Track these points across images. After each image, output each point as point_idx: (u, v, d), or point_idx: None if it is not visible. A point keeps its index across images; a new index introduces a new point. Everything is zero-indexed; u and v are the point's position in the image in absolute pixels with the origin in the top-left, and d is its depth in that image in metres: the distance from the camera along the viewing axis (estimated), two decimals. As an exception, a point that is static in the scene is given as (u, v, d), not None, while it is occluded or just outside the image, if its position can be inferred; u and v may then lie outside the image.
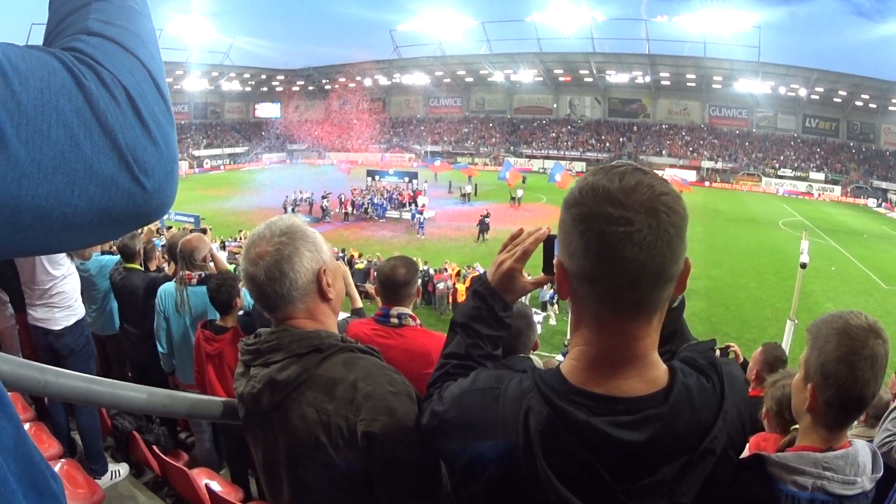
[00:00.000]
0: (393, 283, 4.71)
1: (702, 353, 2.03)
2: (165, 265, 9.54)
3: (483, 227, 49.71)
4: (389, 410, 2.36)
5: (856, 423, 6.82)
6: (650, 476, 1.75)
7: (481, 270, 29.57)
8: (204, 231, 8.41)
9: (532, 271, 2.40)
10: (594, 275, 1.71)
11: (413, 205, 58.69)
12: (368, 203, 60.70)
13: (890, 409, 5.98)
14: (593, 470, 1.73)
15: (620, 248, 1.62)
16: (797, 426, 3.18)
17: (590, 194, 1.69)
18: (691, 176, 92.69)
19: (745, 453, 2.39)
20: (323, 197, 60.53)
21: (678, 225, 1.67)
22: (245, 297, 6.69)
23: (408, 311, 4.74)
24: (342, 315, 3.05)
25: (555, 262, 1.90)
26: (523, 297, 2.64)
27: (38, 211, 0.77)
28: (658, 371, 1.84)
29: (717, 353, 6.41)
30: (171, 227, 25.63)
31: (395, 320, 4.63)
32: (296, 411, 2.48)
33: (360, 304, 5.99)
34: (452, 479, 2.15)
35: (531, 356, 5.06)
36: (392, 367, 2.61)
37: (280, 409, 2.52)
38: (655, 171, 1.80)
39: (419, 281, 5.07)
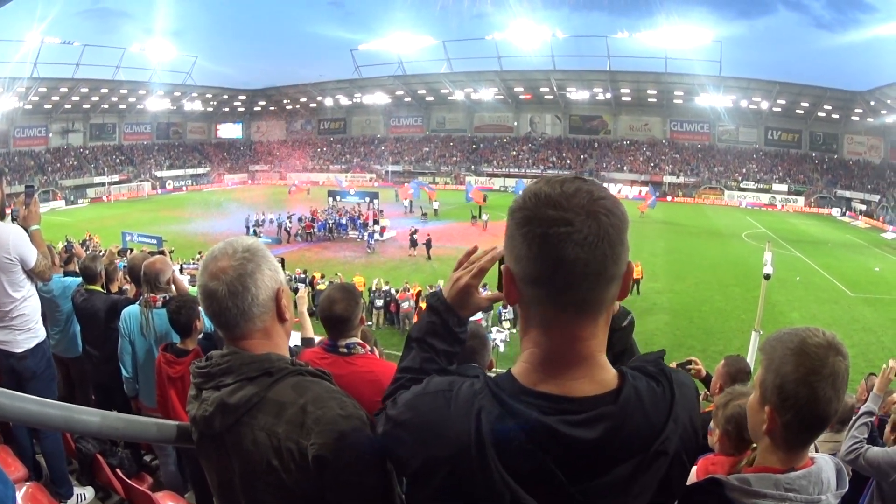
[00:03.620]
0: (331, 319, 4.68)
1: (651, 362, 2.08)
2: (127, 287, 9.45)
3: (412, 242, 51.61)
4: (340, 434, 2.36)
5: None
6: (603, 476, 1.79)
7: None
8: (163, 253, 8.35)
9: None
10: (538, 276, 1.78)
11: (375, 224, 59.18)
12: (334, 223, 60.82)
13: (857, 415, 6.01)
14: (547, 469, 1.77)
15: (562, 248, 1.70)
16: (756, 445, 3.13)
17: (532, 199, 1.80)
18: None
19: (693, 478, 2.40)
20: (288, 217, 60.79)
21: (618, 226, 1.76)
22: (205, 320, 6.63)
23: (356, 339, 4.71)
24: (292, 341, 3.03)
25: (502, 267, 1.97)
26: (483, 317, 2.65)
27: None
28: (607, 374, 1.91)
29: (674, 365, 6.43)
30: (132, 249, 25.58)
31: (343, 350, 4.62)
32: (248, 435, 2.46)
33: (311, 333, 6.00)
34: (407, 486, 2.13)
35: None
36: (343, 391, 2.60)
37: (232, 433, 2.50)
38: (618, 184, 1.85)
39: (362, 309, 4.99)
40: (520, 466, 1.77)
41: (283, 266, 5.58)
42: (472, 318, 2.61)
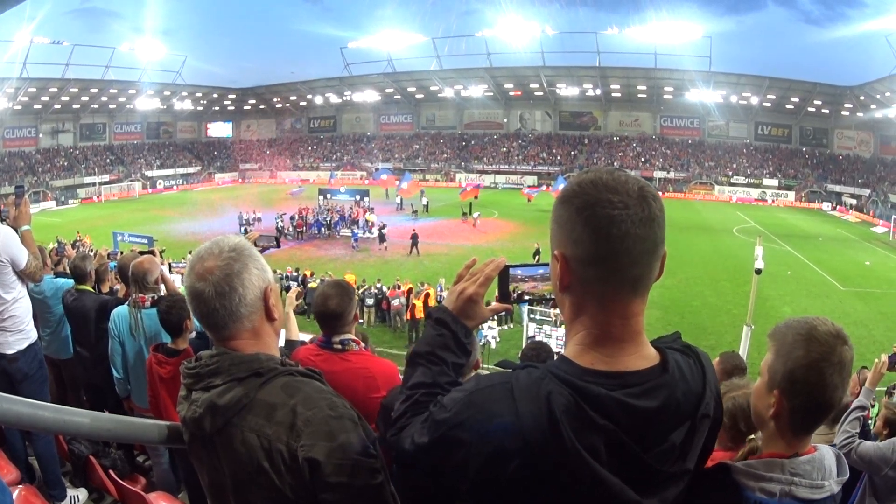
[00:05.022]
0: (325, 314, 4.72)
1: (673, 340, 2.24)
2: (118, 286, 9.42)
3: (381, 237, 52.29)
4: (330, 435, 2.35)
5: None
6: (664, 443, 1.96)
7: (445, 294, 30.10)
8: (153, 253, 8.32)
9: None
10: (601, 255, 1.92)
11: (366, 223, 59.09)
12: (329, 221, 60.66)
13: (849, 410, 6.03)
14: (621, 441, 1.87)
15: (624, 227, 1.87)
16: (752, 437, 3.18)
17: (590, 186, 1.94)
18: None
19: None
20: (279, 216, 60.46)
21: (663, 210, 1.96)
22: (195, 320, 6.55)
23: (350, 336, 4.76)
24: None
25: (556, 253, 2.05)
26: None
27: None
28: (650, 349, 2.08)
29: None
30: (122, 252, 25.37)
31: (338, 346, 4.65)
32: (238, 437, 2.45)
33: (296, 335, 5.97)
34: (463, 487, 2.06)
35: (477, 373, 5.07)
36: (333, 391, 2.59)
37: (222, 434, 2.48)
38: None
39: (356, 305, 5.04)
40: (595, 443, 1.84)
41: (277, 243, 5.55)
42: None
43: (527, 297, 2.55)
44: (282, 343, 5.50)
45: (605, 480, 1.83)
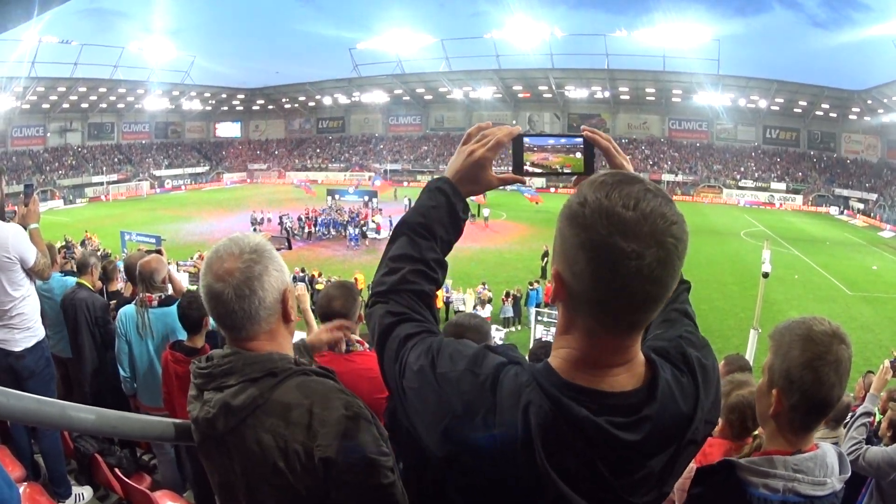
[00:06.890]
0: (329, 316, 4.71)
1: (673, 345, 2.10)
2: (121, 285, 9.44)
3: (363, 234, 53.68)
4: (345, 435, 2.34)
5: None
6: (642, 470, 1.84)
7: (452, 294, 29.76)
8: (159, 252, 8.33)
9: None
10: (598, 298, 1.73)
11: (373, 223, 58.99)
12: (343, 222, 60.70)
13: (855, 416, 6.05)
14: (592, 465, 1.78)
15: (629, 280, 1.65)
16: (758, 434, 3.20)
17: (603, 219, 1.66)
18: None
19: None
20: (282, 216, 60.77)
21: (682, 254, 1.70)
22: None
23: (355, 336, 4.75)
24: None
25: (552, 271, 1.86)
26: (485, 314, 2.60)
27: None
28: (640, 364, 1.90)
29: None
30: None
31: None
32: (251, 436, 2.42)
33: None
34: (434, 470, 2.02)
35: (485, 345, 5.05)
36: (348, 390, 2.57)
37: (235, 434, 2.46)
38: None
39: (360, 306, 4.98)
40: (566, 463, 1.77)
41: (289, 245, 5.68)
42: (481, 315, 2.53)
43: (539, 171, 2.40)
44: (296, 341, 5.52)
45: (569, 500, 1.80)
